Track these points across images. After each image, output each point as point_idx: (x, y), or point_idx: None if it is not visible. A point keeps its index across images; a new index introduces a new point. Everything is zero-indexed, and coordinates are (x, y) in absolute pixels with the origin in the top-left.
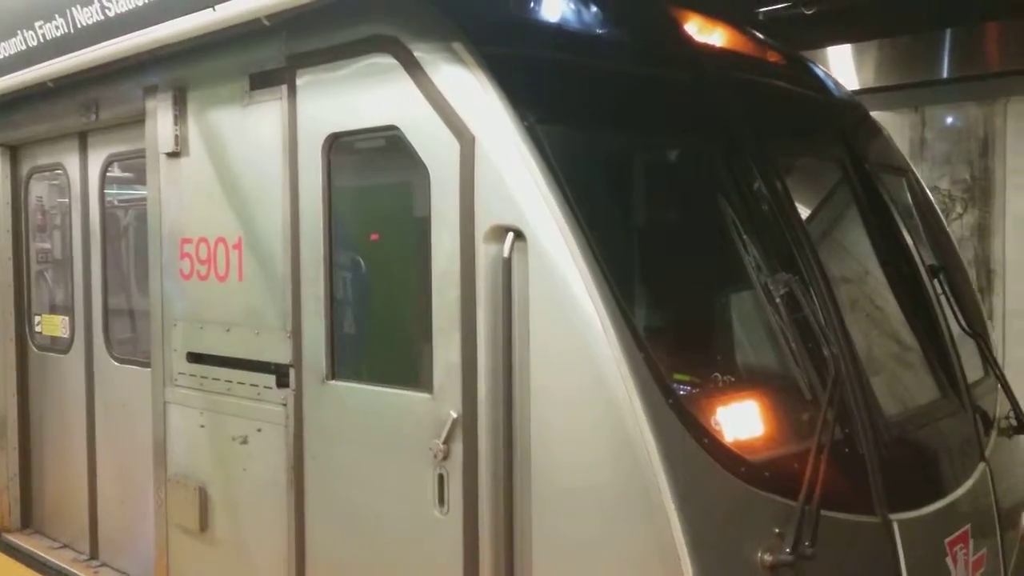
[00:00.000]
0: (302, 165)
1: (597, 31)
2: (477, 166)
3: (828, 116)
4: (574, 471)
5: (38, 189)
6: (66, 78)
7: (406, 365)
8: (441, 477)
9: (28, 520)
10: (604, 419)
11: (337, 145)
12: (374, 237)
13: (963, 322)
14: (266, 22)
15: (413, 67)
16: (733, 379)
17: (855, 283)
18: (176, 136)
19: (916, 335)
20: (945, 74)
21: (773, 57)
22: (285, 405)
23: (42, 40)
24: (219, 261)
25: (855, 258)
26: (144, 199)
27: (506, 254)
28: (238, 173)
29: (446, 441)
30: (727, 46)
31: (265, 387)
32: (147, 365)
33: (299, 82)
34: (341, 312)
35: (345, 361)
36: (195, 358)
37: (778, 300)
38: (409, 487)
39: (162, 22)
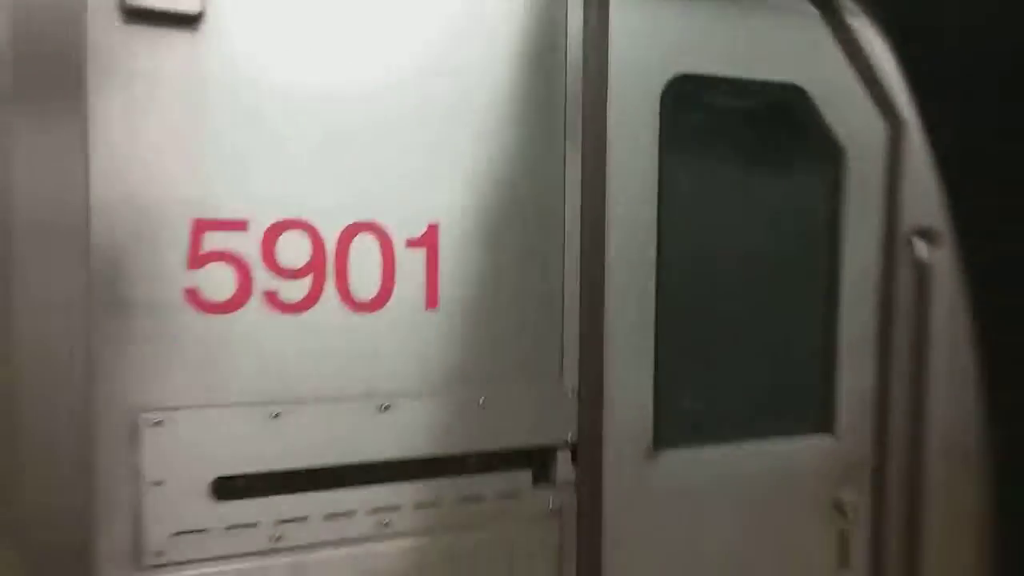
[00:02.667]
0: (617, 116)
1: None
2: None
3: None
4: None
5: None
6: None
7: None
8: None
9: None
10: None
11: (681, 94)
12: (732, 235)
13: None
14: None
15: (834, 17)
16: None
17: None
18: None
19: None
20: None
21: None
22: (559, 512)
23: None
24: (354, 270)
25: None
26: None
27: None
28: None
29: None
30: None
31: (500, 493)
32: None
33: None
34: (677, 345)
35: (686, 417)
36: (233, 491)
37: None
38: None
39: None
